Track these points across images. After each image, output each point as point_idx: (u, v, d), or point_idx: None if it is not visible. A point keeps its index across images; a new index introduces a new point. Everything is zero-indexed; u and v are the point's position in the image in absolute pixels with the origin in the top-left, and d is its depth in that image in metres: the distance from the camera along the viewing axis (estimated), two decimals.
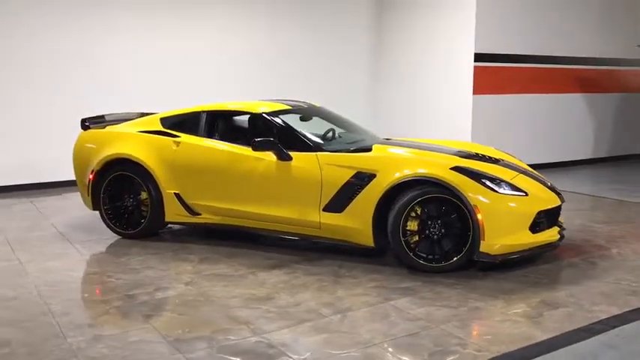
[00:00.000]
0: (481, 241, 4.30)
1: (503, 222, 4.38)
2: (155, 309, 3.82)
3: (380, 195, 4.53)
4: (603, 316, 3.66)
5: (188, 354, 3.18)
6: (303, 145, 4.99)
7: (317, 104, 6.07)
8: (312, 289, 4.16)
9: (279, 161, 4.92)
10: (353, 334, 3.41)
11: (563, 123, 10.04)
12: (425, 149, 5.07)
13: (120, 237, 5.50)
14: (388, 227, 4.51)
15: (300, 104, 5.79)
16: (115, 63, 8.36)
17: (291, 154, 4.91)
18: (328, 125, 5.60)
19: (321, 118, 5.75)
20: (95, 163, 5.54)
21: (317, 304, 3.90)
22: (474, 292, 4.09)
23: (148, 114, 6.27)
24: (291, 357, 3.13)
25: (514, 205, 4.44)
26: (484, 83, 9.01)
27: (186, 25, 8.80)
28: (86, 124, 5.84)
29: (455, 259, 4.42)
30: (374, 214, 4.58)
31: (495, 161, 4.99)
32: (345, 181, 4.68)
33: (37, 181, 8.05)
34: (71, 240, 5.51)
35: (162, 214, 5.36)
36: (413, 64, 9.86)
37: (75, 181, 5.92)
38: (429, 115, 9.54)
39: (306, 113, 5.65)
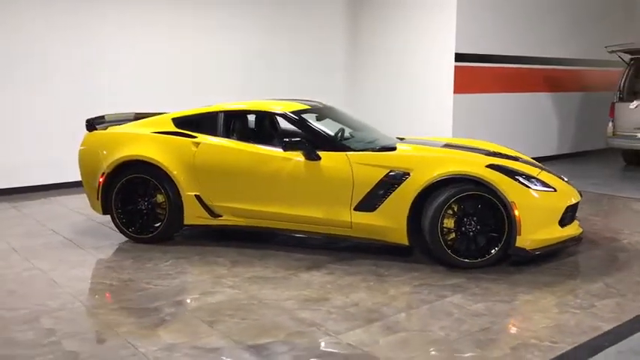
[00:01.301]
0: (517, 237, 4.42)
1: (537, 217, 4.52)
2: (213, 314, 3.72)
3: (416, 193, 4.58)
4: None
5: (273, 358, 3.12)
6: (331, 144, 4.98)
7: (326, 104, 6.05)
8: (362, 289, 4.16)
9: (308, 161, 4.88)
10: (427, 332, 3.44)
11: (532, 121, 10.44)
12: (449, 148, 5.17)
13: (130, 241, 5.30)
14: (424, 225, 4.57)
15: (315, 104, 5.77)
16: (95, 64, 8.05)
17: (320, 153, 4.88)
18: (338, 125, 5.60)
19: (331, 118, 5.74)
20: (106, 165, 5.32)
21: (374, 303, 3.90)
22: (518, 286, 4.20)
23: (143, 114, 6.10)
24: (383, 357, 3.12)
25: (546, 200, 4.59)
26: (464, 83, 9.23)
27: (166, 27, 8.58)
28: (92, 125, 5.60)
29: (491, 254, 4.52)
30: (409, 212, 4.62)
31: (515, 159, 5.14)
32: (377, 180, 4.70)
33: (11, 186, 7.64)
34: (82, 246, 5.28)
35: (181, 216, 5.22)
36: (392, 64, 9.99)
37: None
38: (411, 113, 9.68)
39: (321, 113, 5.63)
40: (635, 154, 10.33)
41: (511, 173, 4.57)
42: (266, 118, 5.98)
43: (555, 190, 4.68)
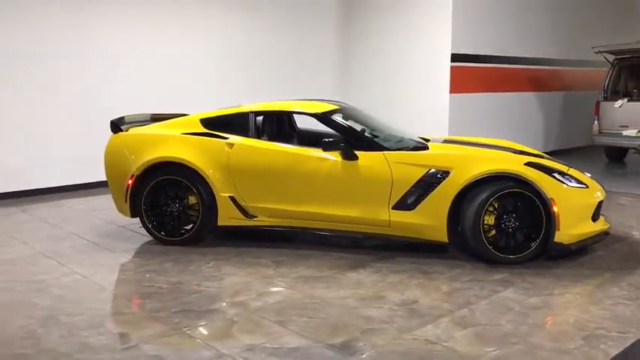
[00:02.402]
0: (556, 232, 4.57)
1: (574, 213, 4.68)
2: (279, 314, 3.73)
3: (457, 191, 4.68)
4: None
5: (358, 356, 3.16)
6: (368, 144, 5.03)
7: (348, 103, 6.11)
8: (414, 286, 4.23)
9: (345, 161, 4.93)
10: (497, 326, 3.54)
11: (521, 119, 10.73)
12: (478, 147, 5.31)
13: (157, 243, 5.26)
14: (465, 222, 4.68)
15: (341, 104, 5.81)
16: (95, 65, 7.91)
17: (357, 153, 4.93)
18: (360, 125, 5.65)
19: (354, 117, 5.78)
20: (135, 167, 5.25)
21: (433, 300, 3.98)
22: (563, 279, 4.35)
23: (160, 115, 6.05)
24: (465, 351, 3.20)
25: (581, 196, 4.76)
26: (459, 83, 9.42)
27: (159, 27, 8.46)
28: (117, 126, 5.51)
29: (531, 249, 4.66)
30: (449, 210, 4.72)
31: (540, 157, 5.30)
32: (417, 179, 4.79)
33: (18, 189, 7.44)
34: (112, 249, 5.20)
35: (214, 218, 5.19)
36: (387, 65, 10.10)
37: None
38: (407, 113, 9.79)
39: (346, 113, 5.67)
40: (617, 151, 10.73)
41: (548, 170, 4.73)
42: (285, 118, 6.00)
43: (587, 187, 4.86)
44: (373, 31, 10.26)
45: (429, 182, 4.76)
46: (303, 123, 6.05)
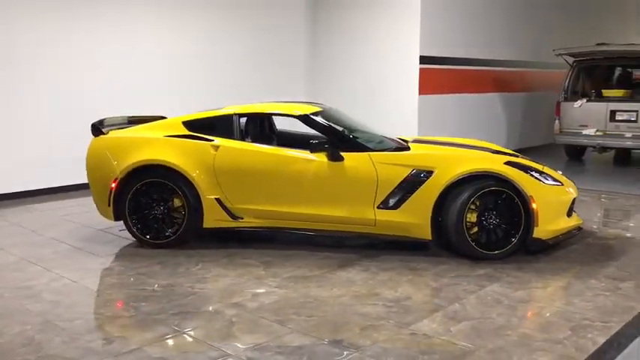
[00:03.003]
0: (535, 228, 4.78)
1: (551, 209, 4.90)
2: (278, 314, 3.80)
3: (441, 190, 4.84)
4: None
5: (365, 352, 3.26)
6: (353, 145, 5.14)
7: (328, 105, 6.20)
8: (404, 283, 4.36)
9: (331, 162, 5.02)
10: (490, 319, 3.69)
11: (485, 119, 11.04)
12: (458, 146, 5.49)
13: (142, 247, 5.24)
14: (448, 220, 4.83)
15: (322, 105, 5.89)
16: (76, 66, 7.79)
17: (343, 154, 5.03)
18: (340, 127, 5.73)
19: (335, 119, 5.84)
20: (119, 170, 5.23)
21: (424, 295, 4.12)
22: (544, 273, 4.56)
23: (136, 117, 6.04)
24: (464, 344, 3.34)
25: (557, 193, 4.99)
26: (428, 84, 9.64)
27: (130, 29, 8.37)
28: (98, 129, 5.47)
29: (511, 245, 4.85)
30: (433, 208, 4.87)
31: (516, 156, 5.51)
32: (402, 178, 4.92)
33: None
34: (96, 253, 5.17)
35: (200, 220, 5.21)
36: (357, 67, 10.23)
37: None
38: (377, 114, 9.95)
39: (327, 115, 5.75)
40: (576, 150, 11.16)
41: (526, 169, 4.94)
42: (266, 120, 6.05)
43: (562, 184, 5.08)
44: (342, 33, 10.38)
45: (413, 182, 4.90)
46: (281, 125, 6.12)
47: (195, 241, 5.38)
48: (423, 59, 9.51)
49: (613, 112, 10.00)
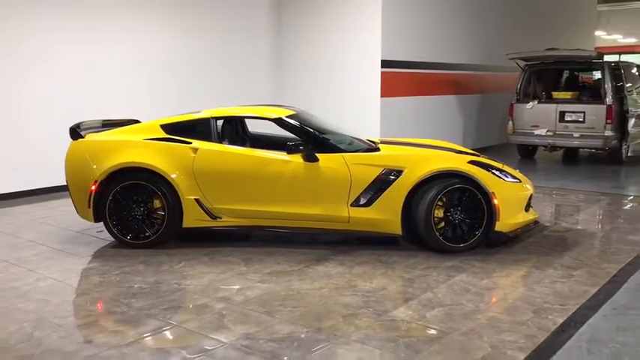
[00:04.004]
0: (497, 222, 5.15)
1: (511, 204, 5.28)
2: (264, 306, 4.03)
3: (410, 188, 5.16)
4: (614, 271, 4.71)
5: (349, 337, 3.53)
6: (327, 146, 5.41)
7: (299, 108, 6.45)
8: (379, 276, 4.66)
9: (307, 163, 5.28)
10: (461, 305, 4.02)
11: (444, 120, 11.51)
12: (423, 147, 5.84)
13: (121, 247, 5.38)
14: (418, 216, 5.16)
15: (295, 108, 6.14)
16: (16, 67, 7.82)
17: (318, 155, 5.30)
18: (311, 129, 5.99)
19: (307, 122, 6.08)
20: (99, 173, 5.36)
21: (398, 286, 4.43)
22: (506, 263, 4.93)
23: (110, 121, 6.17)
24: (439, 328, 3.65)
25: (516, 190, 5.37)
26: (389, 87, 10.01)
27: (91, 34, 8.44)
28: (77, 132, 5.58)
29: (475, 238, 5.21)
30: (403, 205, 5.19)
31: (477, 155, 5.89)
32: (373, 178, 5.22)
33: None
34: (77, 254, 5.28)
35: (180, 220, 5.40)
36: (320, 70, 10.52)
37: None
38: (340, 117, 10.27)
39: (300, 117, 6.00)
40: (528, 149, 11.73)
41: (488, 167, 5.31)
42: (239, 123, 6.27)
43: (520, 181, 5.48)
44: (306, 37, 10.65)
45: (384, 180, 5.21)
46: (252, 127, 6.35)
47: (175, 241, 5.55)
48: (385, 63, 9.87)
49: (562, 113, 10.59)
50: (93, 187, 5.38)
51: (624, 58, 20.48)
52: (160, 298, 4.20)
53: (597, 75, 13.66)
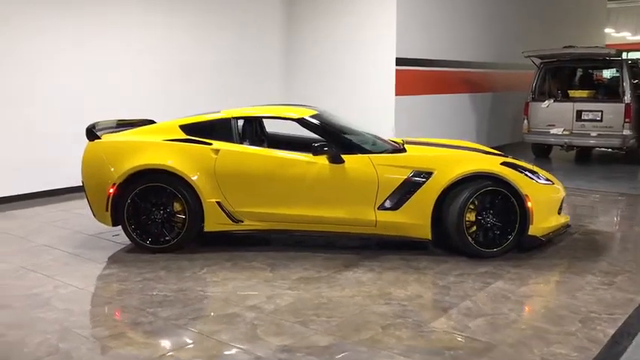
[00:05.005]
0: (530, 226, 4.97)
1: (544, 208, 5.10)
2: (297, 315, 3.85)
3: (440, 190, 4.98)
4: None
5: (392, 350, 3.35)
6: (352, 147, 5.23)
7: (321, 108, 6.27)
8: (412, 282, 4.48)
9: (332, 164, 5.10)
10: (502, 315, 3.85)
11: (459, 119, 11.34)
12: (449, 148, 5.67)
13: (140, 252, 5.20)
14: (449, 220, 4.98)
15: (317, 108, 5.95)
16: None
17: (343, 156, 5.12)
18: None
19: (329, 121, 5.87)
20: (117, 175, 5.18)
21: (435, 294, 4.25)
22: (541, 269, 4.75)
23: (125, 121, 6.01)
24: (484, 340, 3.47)
25: (549, 192, 5.20)
26: (404, 85, 9.83)
27: (97, 28, 8.24)
28: (94, 133, 5.40)
29: (508, 243, 5.03)
30: (433, 208, 5.01)
31: (504, 156, 5.71)
32: (402, 180, 5.04)
33: None
34: (95, 260, 5.11)
35: (201, 224, 5.22)
36: (333, 69, 10.33)
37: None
38: (355, 116, 10.07)
39: (323, 117, 5.80)
40: (543, 148, 11.55)
41: (521, 169, 5.13)
42: (254, 123, 6.07)
43: (552, 183, 5.30)
44: (317, 35, 10.47)
45: (413, 183, 5.03)
46: (268, 127, 6.19)
47: (194, 245, 5.38)
48: (399, 61, 9.68)
49: (579, 112, 10.41)
50: (111, 190, 5.20)
51: (632, 55, 20.31)
52: (186, 307, 4.02)
53: (609, 73, 13.51)
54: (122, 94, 8.38)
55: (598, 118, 10.21)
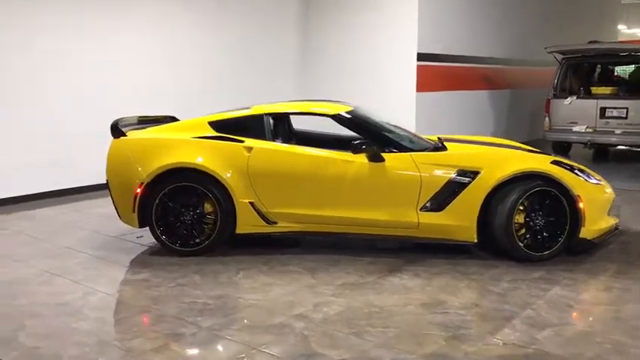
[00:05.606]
0: (582, 228, 4.71)
1: (596, 208, 4.84)
2: (349, 326, 3.59)
3: (488, 191, 4.71)
4: None
5: None
6: (393, 145, 4.97)
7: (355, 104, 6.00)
8: (463, 289, 4.22)
9: (372, 163, 4.83)
10: (570, 325, 3.60)
11: (480, 116, 11.09)
12: (489, 145, 5.42)
13: (167, 254, 4.93)
14: (496, 222, 4.71)
15: (350, 104, 5.68)
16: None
17: (383, 155, 4.85)
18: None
19: (364, 118, 5.57)
20: (145, 174, 4.90)
21: (492, 302, 3.98)
22: (596, 275, 4.50)
23: (146, 117, 5.75)
24: (559, 353, 3.21)
25: (600, 193, 4.94)
26: (425, 82, 9.56)
27: (114, 23, 7.94)
28: (119, 130, 5.12)
29: (558, 246, 4.77)
30: (480, 209, 4.74)
31: (546, 154, 5.44)
32: (447, 179, 4.78)
33: None
34: (121, 263, 4.86)
35: (233, 225, 4.95)
36: (351, 65, 10.06)
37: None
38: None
39: (357, 114, 5.52)
40: (562, 146, 11.28)
41: (571, 168, 4.86)
42: (283, 120, 5.79)
43: (602, 183, 5.04)
44: (336, 30, 10.19)
45: (458, 183, 4.76)
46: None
47: (224, 248, 5.10)
48: (421, 56, 9.41)
49: (603, 109, 10.13)
50: (138, 190, 4.92)
51: None
52: (228, 316, 3.75)
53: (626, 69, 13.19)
54: (139, 91, 8.10)
55: (623, 116, 9.94)
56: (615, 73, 12.11)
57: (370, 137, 4.98)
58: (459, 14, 10.33)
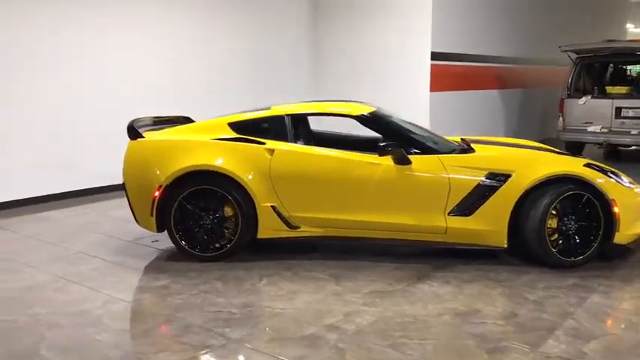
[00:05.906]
0: (616, 233, 4.55)
1: (631, 213, 4.67)
2: (384, 337, 3.43)
3: (520, 194, 4.55)
4: None
5: None
6: (419, 147, 4.81)
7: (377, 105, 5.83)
8: (497, 297, 4.06)
9: (398, 165, 4.67)
10: (616, 336, 3.43)
11: (493, 116, 10.95)
12: (515, 147, 5.27)
13: (185, 259, 4.77)
14: (528, 226, 4.55)
15: (372, 104, 5.51)
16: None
17: (410, 157, 4.69)
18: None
19: (388, 119, 5.40)
20: (164, 177, 4.74)
21: (529, 311, 3.82)
22: (632, 282, 4.35)
23: (161, 117, 5.59)
24: None
25: (635, 196, 4.77)
26: (439, 81, 9.40)
27: (129, 22, 7.78)
28: (137, 131, 4.95)
29: (591, 251, 4.60)
30: (511, 214, 4.58)
31: (573, 156, 5.29)
32: (476, 182, 4.62)
33: None
34: (139, 269, 4.69)
35: (255, 230, 4.78)
36: (363, 64, 9.90)
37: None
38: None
39: (382, 115, 5.35)
40: (576, 146, 11.12)
41: (604, 172, 4.70)
42: (301, 121, 5.62)
43: (634, 187, 4.88)
44: (348, 29, 10.02)
45: (488, 186, 4.60)
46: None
47: (244, 253, 4.94)
48: (434, 55, 9.25)
49: (618, 109, 9.98)
50: (157, 193, 4.75)
51: None
52: (257, 327, 3.59)
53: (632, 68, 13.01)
54: (140, 91, 7.92)
55: (639, 116, 9.78)
56: (628, 73, 11.96)
57: (394, 138, 4.82)
58: (472, 13, 10.18)
